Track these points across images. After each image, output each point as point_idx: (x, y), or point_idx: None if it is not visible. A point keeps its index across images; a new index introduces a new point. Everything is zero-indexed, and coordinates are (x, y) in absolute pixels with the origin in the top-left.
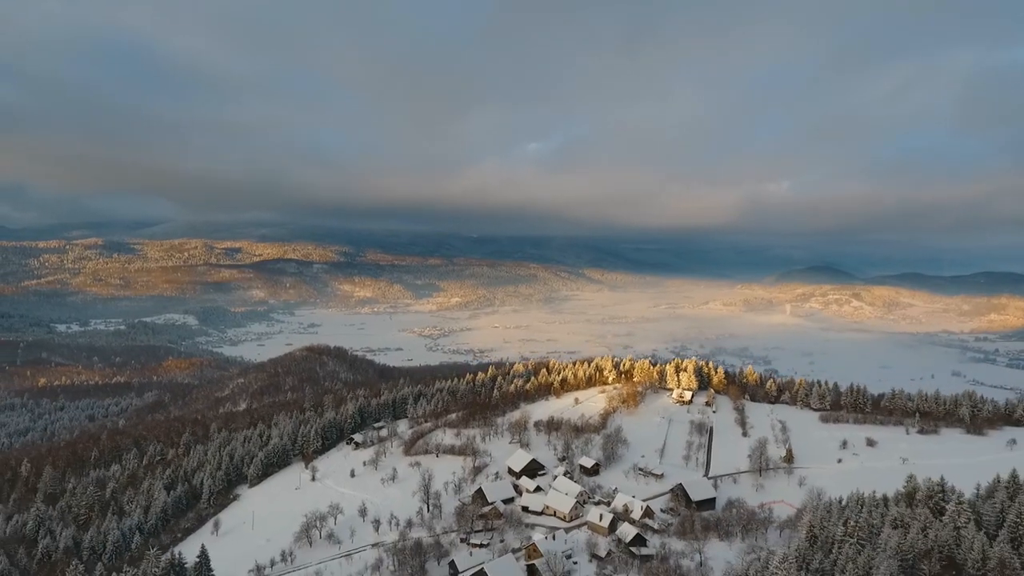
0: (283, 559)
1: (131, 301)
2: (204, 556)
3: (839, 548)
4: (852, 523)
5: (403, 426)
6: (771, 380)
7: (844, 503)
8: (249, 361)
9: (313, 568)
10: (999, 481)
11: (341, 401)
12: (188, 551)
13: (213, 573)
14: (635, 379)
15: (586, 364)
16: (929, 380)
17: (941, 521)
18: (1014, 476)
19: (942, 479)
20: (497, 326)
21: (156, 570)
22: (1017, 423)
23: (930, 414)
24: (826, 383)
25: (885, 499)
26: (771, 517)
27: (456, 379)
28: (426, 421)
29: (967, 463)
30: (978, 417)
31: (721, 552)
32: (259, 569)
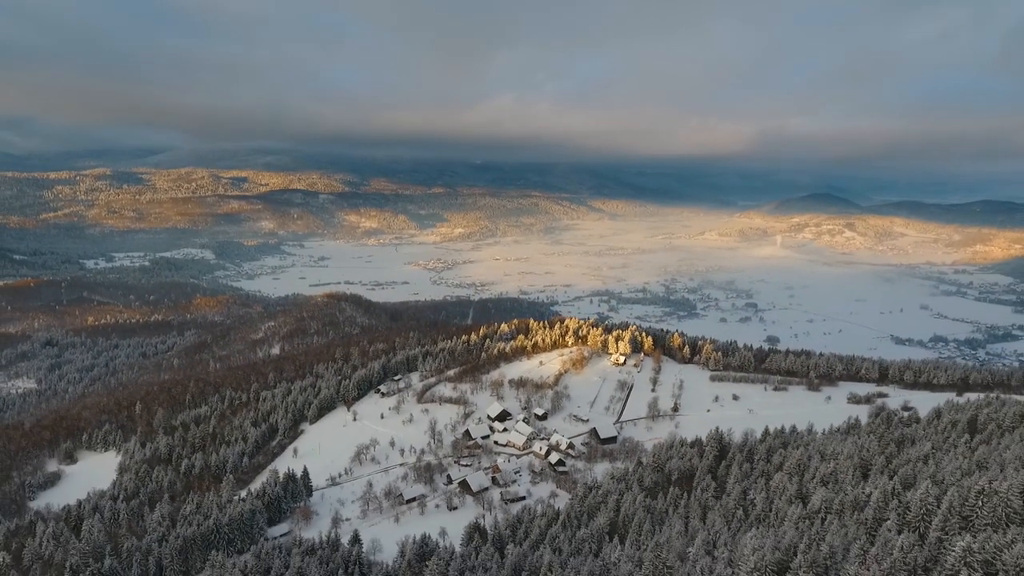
0: (346, 473)
1: (147, 234)
2: (305, 471)
3: (643, 469)
4: (656, 456)
5: (415, 379)
6: (686, 346)
7: (672, 444)
8: (268, 296)
9: (365, 479)
10: (781, 428)
11: (364, 354)
12: (281, 468)
13: (311, 480)
14: (588, 343)
15: (559, 325)
16: (897, 314)
17: (701, 456)
18: (767, 431)
19: (729, 430)
20: (498, 258)
21: (279, 478)
22: (860, 380)
23: (795, 373)
24: (732, 343)
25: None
26: (644, 448)
27: (454, 339)
28: (432, 376)
29: (790, 413)
30: (830, 375)
31: (604, 469)
32: (332, 479)
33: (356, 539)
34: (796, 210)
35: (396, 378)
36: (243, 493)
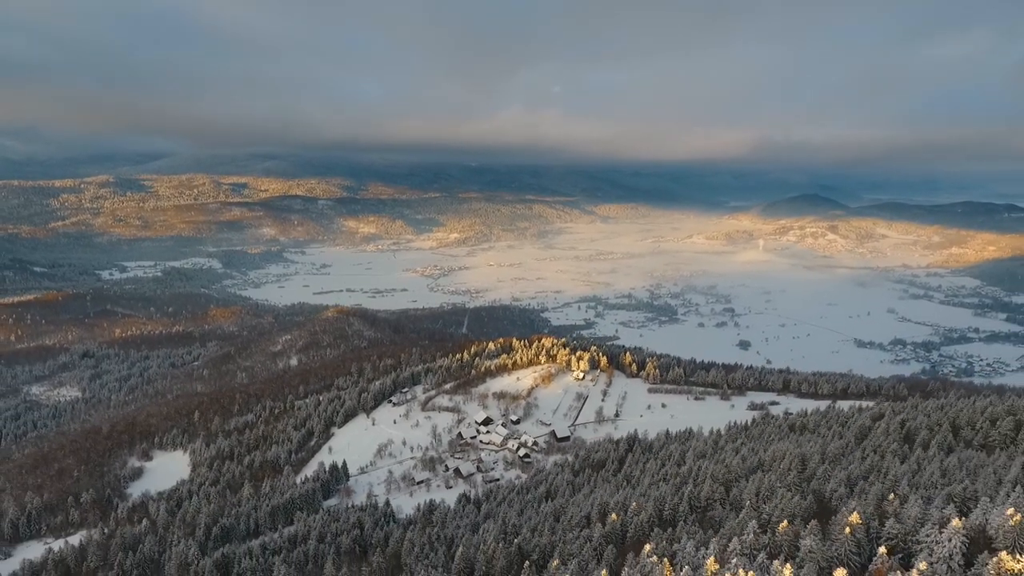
0: (371, 464)
1: (153, 242)
2: (344, 463)
3: (576, 459)
4: (590, 450)
5: (419, 391)
6: (633, 362)
7: (603, 441)
8: (276, 305)
9: (386, 468)
10: (684, 430)
11: (376, 368)
12: (324, 461)
13: (348, 469)
14: (557, 360)
15: (536, 344)
16: (865, 317)
17: (616, 449)
18: (667, 432)
19: (645, 432)
20: (492, 264)
21: (326, 468)
22: (766, 390)
23: (716, 385)
24: (675, 359)
25: (620, 441)
26: (587, 445)
27: (450, 356)
28: (432, 390)
29: (701, 418)
30: (743, 387)
31: (555, 459)
32: (362, 468)
33: (387, 503)
34: (784, 212)
35: (404, 391)
36: (300, 479)
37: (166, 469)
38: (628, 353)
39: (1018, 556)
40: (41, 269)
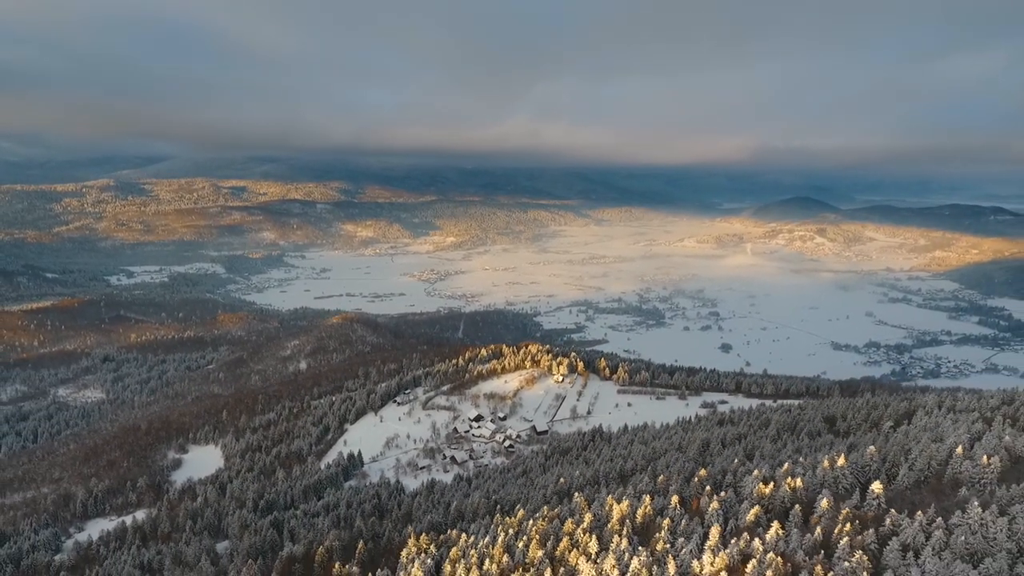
0: (380, 455)
1: (156, 246)
2: (359, 452)
3: (549, 447)
4: (561, 440)
5: (420, 392)
6: (607, 367)
7: (574, 433)
8: (279, 310)
9: (393, 457)
10: (641, 424)
11: (380, 372)
12: (339, 452)
13: (362, 457)
14: (540, 365)
15: (523, 350)
16: (844, 321)
17: (582, 439)
18: (626, 426)
19: (609, 426)
20: (487, 268)
21: (344, 456)
22: (720, 390)
23: (676, 386)
24: (650, 362)
25: (586, 433)
26: (560, 436)
27: (447, 361)
28: (432, 391)
29: (659, 414)
30: (700, 388)
31: (533, 448)
32: (373, 457)
33: (398, 482)
34: (775, 215)
35: (407, 392)
36: (323, 464)
37: (202, 461)
38: (603, 359)
39: (770, 484)
40: (53, 275)
